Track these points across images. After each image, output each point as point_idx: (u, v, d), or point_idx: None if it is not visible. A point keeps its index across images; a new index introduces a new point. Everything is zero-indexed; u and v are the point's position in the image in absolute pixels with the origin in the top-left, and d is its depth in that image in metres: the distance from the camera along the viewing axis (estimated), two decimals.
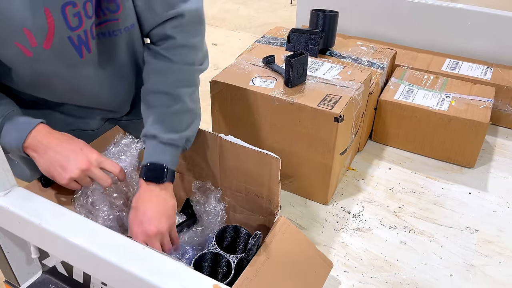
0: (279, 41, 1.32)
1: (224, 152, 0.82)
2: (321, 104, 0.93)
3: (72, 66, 0.76)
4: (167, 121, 0.77)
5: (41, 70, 0.74)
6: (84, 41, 0.74)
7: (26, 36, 0.67)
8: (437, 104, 1.15)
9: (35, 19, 0.67)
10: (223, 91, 1.03)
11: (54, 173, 0.70)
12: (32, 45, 0.69)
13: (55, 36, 0.70)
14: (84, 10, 0.70)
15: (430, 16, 1.49)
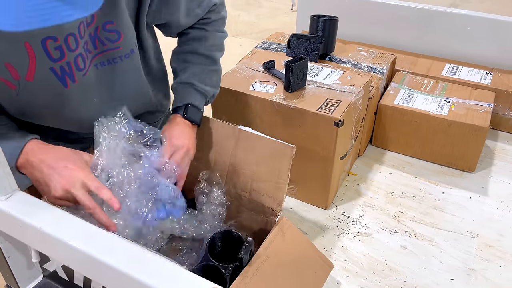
0: (279, 47, 1.33)
1: (239, 144, 0.84)
2: (321, 108, 0.93)
3: (58, 96, 0.75)
4: (203, 75, 0.89)
5: (27, 100, 0.73)
6: (68, 72, 0.73)
7: (8, 70, 0.68)
8: (437, 109, 1.15)
9: (16, 54, 0.67)
10: (224, 96, 1.03)
11: (43, 191, 0.69)
12: (15, 78, 0.69)
13: (37, 68, 0.70)
14: (66, 43, 0.71)
15: (430, 21, 1.50)
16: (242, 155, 0.85)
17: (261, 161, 0.82)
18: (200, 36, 0.91)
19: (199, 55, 0.91)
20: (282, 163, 0.79)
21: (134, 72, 0.85)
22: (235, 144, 0.85)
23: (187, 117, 0.84)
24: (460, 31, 1.46)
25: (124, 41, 0.78)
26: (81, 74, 0.76)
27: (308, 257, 0.77)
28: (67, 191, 0.66)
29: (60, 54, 0.71)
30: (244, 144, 0.84)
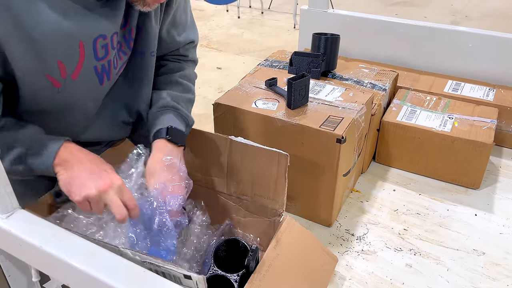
0: (282, 64, 1.34)
1: (233, 154, 0.85)
2: (323, 125, 0.93)
3: (92, 93, 0.79)
4: (183, 102, 0.91)
5: (62, 100, 0.76)
6: (107, 70, 0.78)
7: (59, 68, 0.71)
8: (440, 125, 1.15)
9: (70, 52, 0.71)
10: (226, 113, 1.04)
11: (72, 188, 0.69)
12: (62, 76, 0.72)
13: (83, 66, 0.74)
14: (111, 41, 0.76)
15: (431, 39, 1.51)
16: (238, 163, 0.87)
17: (257, 168, 0.84)
18: (178, 67, 0.96)
19: (177, 84, 0.94)
20: (278, 170, 0.81)
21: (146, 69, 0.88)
22: (230, 154, 0.87)
23: (170, 140, 0.82)
24: (461, 48, 1.47)
25: (142, 40, 0.84)
26: (115, 72, 0.81)
27: (316, 252, 0.81)
28: (102, 193, 0.68)
29: (104, 53, 0.76)
30: (239, 153, 0.86)
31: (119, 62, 0.81)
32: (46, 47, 0.69)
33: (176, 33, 0.93)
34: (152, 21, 0.83)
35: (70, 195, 0.70)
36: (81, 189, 0.68)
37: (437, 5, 5.43)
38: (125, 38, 0.80)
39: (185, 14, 0.93)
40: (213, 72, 3.66)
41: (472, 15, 5.05)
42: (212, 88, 3.31)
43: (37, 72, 0.70)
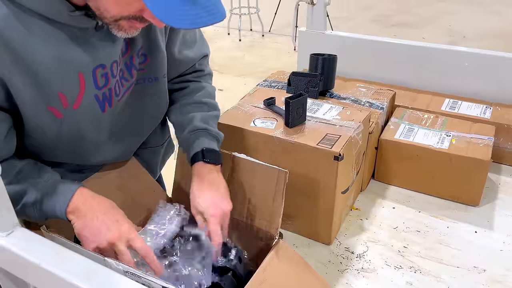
0: (280, 84, 1.36)
1: (234, 170, 0.86)
2: (321, 143, 0.94)
3: (94, 121, 0.80)
4: (211, 121, 0.94)
5: (67, 130, 0.77)
6: (108, 98, 0.80)
7: (60, 99, 0.73)
8: (438, 143, 1.16)
9: (70, 83, 0.73)
10: (225, 133, 1.05)
11: (84, 238, 0.71)
12: (63, 107, 0.74)
13: (84, 96, 0.75)
14: (111, 70, 0.77)
15: (428, 58, 1.54)
16: (237, 181, 0.87)
17: (256, 186, 0.85)
18: (199, 87, 0.99)
19: (202, 104, 0.96)
20: (277, 187, 0.81)
21: (155, 101, 0.91)
22: (231, 170, 0.88)
23: (208, 162, 0.86)
24: (458, 68, 1.49)
25: (149, 64, 0.85)
26: (117, 99, 0.82)
27: (305, 278, 0.79)
28: (111, 245, 0.70)
29: (105, 81, 0.77)
30: (239, 170, 0.87)
31: (121, 89, 0.82)
32: (47, 79, 0.70)
33: (189, 51, 0.95)
34: (158, 45, 0.84)
35: (83, 244, 0.72)
36: (93, 240, 0.71)
37: (435, 26, 5.51)
38: (126, 66, 0.81)
39: (193, 30, 0.95)
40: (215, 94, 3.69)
41: (470, 36, 5.12)
42: None
43: (39, 104, 0.72)
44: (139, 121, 0.91)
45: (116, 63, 0.78)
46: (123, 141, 0.91)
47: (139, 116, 0.90)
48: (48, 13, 0.68)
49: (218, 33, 5.47)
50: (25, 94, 0.70)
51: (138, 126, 0.93)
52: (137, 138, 0.96)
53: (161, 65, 0.87)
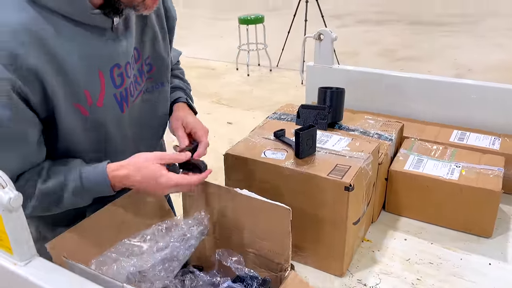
0: (290, 117, 1.39)
1: (237, 206, 0.86)
2: (331, 173, 0.95)
3: (116, 120, 0.89)
4: (187, 87, 1.16)
5: (92, 129, 0.86)
6: (125, 97, 0.89)
7: (86, 96, 0.81)
8: (448, 174, 1.17)
9: (93, 82, 0.81)
10: (236, 164, 1.07)
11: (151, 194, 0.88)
12: (88, 104, 0.82)
13: (105, 94, 0.84)
14: (125, 70, 0.87)
15: (435, 91, 1.56)
16: (242, 216, 0.88)
17: (261, 222, 0.85)
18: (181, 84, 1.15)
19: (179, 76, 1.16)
20: (281, 223, 0.81)
21: (163, 102, 1.02)
22: (234, 206, 0.88)
23: (190, 106, 1.07)
24: (465, 100, 1.51)
25: (156, 73, 0.98)
26: (132, 100, 0.92)
27: None
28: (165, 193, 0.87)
29: (121, 81, 0.86)
30: (242, 207, 0.87)
31: (135, 92, 0.93)
32: (75, 77, 0.78)
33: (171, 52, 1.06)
34: (162, 56, 0.98)
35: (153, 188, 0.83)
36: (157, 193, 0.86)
37: (441, 60, 5.59)
38: (139, 71, 0.93)
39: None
40: (224, 127, 3.75)
41: (476, 69, 5.18)
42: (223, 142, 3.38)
43: (68, 102, 0.79)
44: (153, 121, 1.02)
45: (129, 64, 0.88)
46: (142, 144, 1.00)
47: (153, 117, 1.01)
48: (71, 13, 0.75)
49: (227, 68, 5.59)
50: (58, 92, 0.77)
51: (153, 127, 1.03)
52: (155, 141, 1.07)
53: (165, 72, 1.00)
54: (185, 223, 0.85)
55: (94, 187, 0.81)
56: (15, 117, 0.74)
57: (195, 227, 0.85)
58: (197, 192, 0.92)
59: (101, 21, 0.79)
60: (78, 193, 0.81)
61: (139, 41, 0.91)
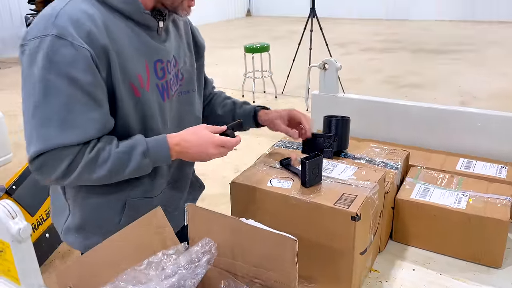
0: (295, 145, 1.40)
1: (243, 236, 0.85)
2: (338, 203, 0.95)
3: (159, 106, 1.05)
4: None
5: (142, 109, 1.01)
6: (166, 88, 1.06)
7: (138, 79, 0.99)
8: (455, 203, 1.16)
9: (142, 69, 0.99)
10: (242, 193, 1.07)
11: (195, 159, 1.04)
12: (140, 86, 0.99)
13: (150, 82, 1.01)
14: (166, 66, 1.05)
15: (440, 119, 1.57)
16: (248, 246, 0.86)
17: (266, 252, 0.83)
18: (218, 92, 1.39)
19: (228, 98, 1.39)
20: (288, 254, 0.79)
21: (191, 106, 1.18)
22: (240, 236, 0.87)
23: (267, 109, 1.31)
24: (470, 128, 1.52)
25: (185, 81, 1.15)
26: (171, 94, 1.09)
27: None
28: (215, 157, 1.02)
29: (162, 74, 1.05)
30: (248, 237, 0.86)
31: (173, 89, 1.10)
32: (131, 62, 0.97)
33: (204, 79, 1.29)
34: (190, 69, 1.16)
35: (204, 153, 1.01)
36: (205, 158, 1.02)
37: (446, 87, 5.63)
38: (175, 75, 1.10)
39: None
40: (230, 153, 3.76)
41: (480, 96, 5.20)
42: (228, 168, 3.38)
43: (127, 81, 0.97)
44: (183, 120, 1.15)
45: (169, 63, 1.06)
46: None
47: (183, 116, 1.15)
48: (127, 11, 0.97)
49: (232, 95, 5.64)
50: (118, 72, 0.94)
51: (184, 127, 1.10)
52: None
53: (191, 83, 1.17)
54: (193, 250, 0.85)
55: (157, 149, 0.98)
56: (94, 82, 0.91)
57: (202, 255, 0.84)
58: (202, 221, 0.92)
59: (150, 20, 1.00)
60: (144, 155, 0.97)
61: (176, 53, 1.11)
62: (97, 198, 1.07)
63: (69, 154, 0.91)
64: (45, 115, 0.88)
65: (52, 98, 0.88)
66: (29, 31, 0.91)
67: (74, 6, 0.91)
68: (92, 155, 0.93)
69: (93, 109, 0.92)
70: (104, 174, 0.95)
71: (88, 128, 0.92)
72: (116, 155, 0.95)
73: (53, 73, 0.87)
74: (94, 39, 0.90)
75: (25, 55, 0.90)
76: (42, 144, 0.88)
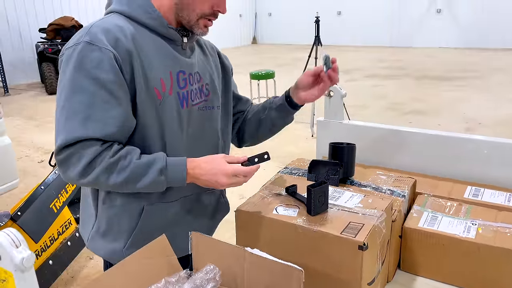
0: (301, 172, 1.39)
1: (248, 266, 0.83)
2: (344, 232, 0.94)
3: (177, 113, 1.10)
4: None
5: (162, 114, 1.07)
6: (186, 98, 1.13)
7: (161, 83, 1.06)
8: (464, 232, 1.14)
9: (166, 76, 1.08)
10: (247, 221, 1.06)
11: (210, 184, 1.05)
12: (162, 90, 1.06)
13: (172, 89, 1.09)
14: (189, 78, 1.13)
15: (446, 147, 1.56)
16: (253, 276, 0.85)
17: (272, 282, 0.82)
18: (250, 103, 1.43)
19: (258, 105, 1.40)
20: (293, 285, 0.78)
21: (214, 122, 1.22)
22: (245, 266, 0.86)
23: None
24: (477, 155, 1.50)
25: (210, 98, 1.21)
26: (191, 104, 1.14)
27: None
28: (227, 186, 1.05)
29: (184, 84, 1.12)
30: (253, 266, 0.85)
31: (196, 99, 1.15)
32: (155, 67, 1.05)
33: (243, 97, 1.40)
34: (217, 87, 1.23)
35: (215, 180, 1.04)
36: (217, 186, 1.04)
37: (450, 113, 5.63)
38: (199, 89, 1.17)
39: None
40: None
41: (486, 122, 5.19)
42: (234, 194, 3.36)
43: (150, 85, 1.04)
44: (203, 132, 1.19)
45: (192, 76, 1.14)
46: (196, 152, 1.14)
47: (203, 129, 1.19)
48: (153, 26, 1.07)
49: None
50: (140, 75, 1.02)
51: (203, 138, 1.19)
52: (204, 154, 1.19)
53: (216, 99, 1.22)
54: (197, 276, 0.83)
55: (174, 168, 1.02)
56: (116, 80, 0.99)
57: (207, 282, 0.83)
58: (206, 249, 0.91)
59: (174, 35, 1.10)
60: (161, 172, 1.01)
61: (201, 69, 1.19)
62: (121, 202, 1.11)
63: (90, 152, 0.98)
64: (71, 110, 0.98)
65: (78, 96, 0.98)
66: (67, 43, 1.05)
67: (106, 20, 1.05)
68: (112, 160, 0.99)
69: (114, 107, 1.00)
70: (120, 182, 1.00)
71: (108, 124, 0.99)
72: (135, 165, 1.00)
73: (81, 74, 0.98)
74: (121, 45, 1.01)
75: (63, 62, 1.02)
76: (67, 136, 0.97)
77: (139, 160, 1.02)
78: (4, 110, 4.37)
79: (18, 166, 3.55)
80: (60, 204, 2.30)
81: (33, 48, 8.52)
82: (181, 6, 1.08)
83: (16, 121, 5.91)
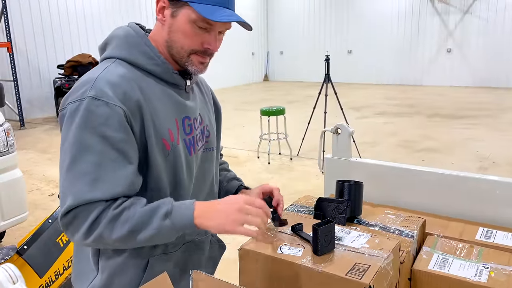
0: (308, 209, 1.37)
1: None
2: (350, 273, 0.91)
3: (186, 160, 1.08)
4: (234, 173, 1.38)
5: (172, 163, 1.05)
6: (192, 144, 1.11)
7: (169, 133, 1.04)
8: (476, 275, 1.10)
9: (172, 124, 1.05)
10: (251, 259, 1.04)
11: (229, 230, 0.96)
12: (171, 140, 1.04)
13: (179, 136, 1.07)
14: (194, 124, 1.12)
15: (457, 186, 1.53)
16: None
17: None
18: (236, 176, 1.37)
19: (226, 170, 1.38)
20: None
21: (212, 163, 1.21)
22: None
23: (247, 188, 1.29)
24: (489, 196, 1.47)
25: (210, 139, 1.19)
26: (197, 149, 1.13)
27: None
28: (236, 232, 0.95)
29: (189, 130, 1.10)
30: None
31: (199, 144, 1.14)
32: (162, 117, 1.02)
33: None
34: (214, 127, 1.22)
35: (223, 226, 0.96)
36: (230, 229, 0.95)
37: (463, 152, 5.57)
38: (201, 132, 1.15)
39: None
40: None
41: (499, 161, 5.11)
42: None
43: (159, 136, 1.01)
44: (206, 175, 1.18)
45: (195, 120, 1.12)
46: (200, 195, 1.16)
47: (207, 172, 1.18)
48: (158, 73, 1.05)
49: (248, 157, 5.70)
50: (151, 127, 1.00)
51: (206, 181, 1.19)
52: (208, 196, 1.20)
53: (214, 140, 1.22)
54: None
55: (180, 210, 0.96)
56: (125, 139, 0.96)
57: None
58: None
59: (178, 80, 1.08)
60: (165, 216, 0.94)
61: (202, 111, 1.17)
62: (124, 256, 1.05)
63: (95, 209, 0.93)
64: (78, 171, 0.93)
65: (85, 155, 0.93)
66: (68, 96, 0.99)
67: (111, 71, 1.00)
68: (116, 211, 0.93)
69: (123, 166, 0.95)
70: (124, 235, 0.93)
71: (116, 185, 0.94)
72: (139, 214, 0.94)
73: (88, 131, 0.94)
74: (129, 97, 0.98)
75: (65, 117, 0.97)
76: (75, 200, 0.92)
77: (143, 208, 0.96)
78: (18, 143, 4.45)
79: (29, 199, 3.57)
80: (67, 238, 2.29)
81: (50, 84, 8.77)
82: (170, 44, 1.04)
83: (30, 154, 6.00)
